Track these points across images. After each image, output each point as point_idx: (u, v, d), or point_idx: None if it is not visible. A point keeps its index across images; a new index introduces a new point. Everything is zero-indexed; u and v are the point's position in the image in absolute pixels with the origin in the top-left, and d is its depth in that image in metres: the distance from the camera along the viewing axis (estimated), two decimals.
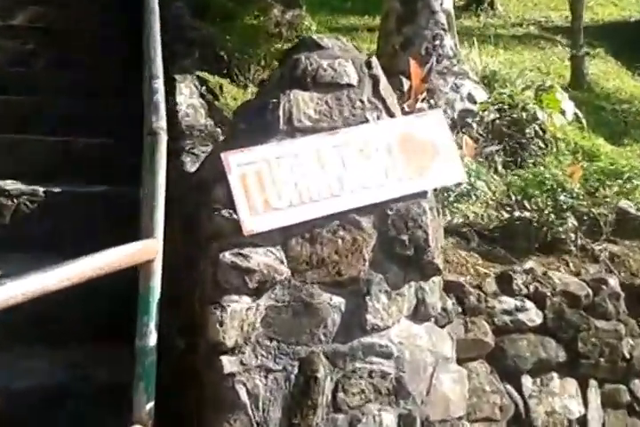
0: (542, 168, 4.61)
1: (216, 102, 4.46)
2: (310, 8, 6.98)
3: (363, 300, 3.05)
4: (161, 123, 2.84)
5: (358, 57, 3.35)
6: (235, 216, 2.92)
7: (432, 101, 5.02)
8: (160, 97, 3.01)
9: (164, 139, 2.78)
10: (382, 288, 3.09)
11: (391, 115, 3.31)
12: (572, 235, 4.40)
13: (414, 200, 3.20)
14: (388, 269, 3.11)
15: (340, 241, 3.05)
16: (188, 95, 4.57)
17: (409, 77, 4.85)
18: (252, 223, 2.91)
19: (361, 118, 3.23)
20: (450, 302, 3.44)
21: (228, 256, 2.88)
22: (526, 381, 3.80)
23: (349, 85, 3.26)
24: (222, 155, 2.95)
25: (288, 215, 2.98)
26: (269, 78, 3.52)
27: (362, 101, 3.26)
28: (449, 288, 3.69)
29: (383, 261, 3.11)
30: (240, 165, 2.96)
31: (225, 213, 2.93)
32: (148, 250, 2.71)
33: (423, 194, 3.25)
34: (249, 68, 5.33)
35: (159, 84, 3.10)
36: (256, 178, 2.97)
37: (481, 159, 4.88)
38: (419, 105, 4.59)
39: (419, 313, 3.20)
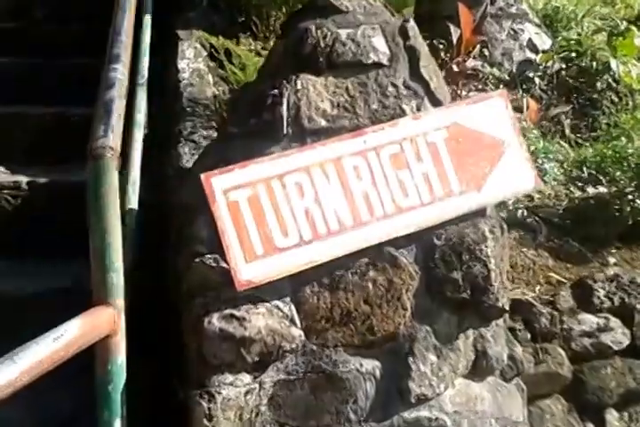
0: (624, 140, 3.50)
1: (220, 71, 3.41)
2: None
3: (404, 362, 2.14)
4: (110, 138, 1.86)
5: (389, 21, 2.30)
6: (223, 263, 1.99)
7: (486, 52, 3.89)
8: (115, 94, 2.02)
9: (111, 165, 1.82)
10: (429, 344, 2.17)
11: (436, 102, 2.30)
12: None
13: (469, 222, 2.24)
14: (436, 319, 2.19)
15: (370, 286, 2.12)
16: (192, 58, 3.52)
17: (458, 24, 3.72)
18: (247, 272, 1.98)
19: (394, 110, 2.23)
20: (519, 349, 2.49)
21: (215, 322, 1.97)
22: (611, 417, 2.89)
23: (378, 65, 2.24)
24: (202, 177, 1.99)
25: (298, 257, 2.04)
26: (269, 55, 2.48)
27: (395, 86, 2.24)
28: (514, 309, 2.75)
29: (430, 309, 2.19)
30: (228, 189, 2.01)
31: (209, 259, 2.01)
32: (101, 323, 1.81)
33: (481, 212, 2.27)
34: (267, 16, 4.20)
35: (118, 73, 2.11)
36: (251, 206, 2.02)
37: (546, 122, 3.78)
38: (470, 63, 3.50)
39: (479, 369, 2.29)
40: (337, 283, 2.09)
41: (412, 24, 2.28)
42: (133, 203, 2.48)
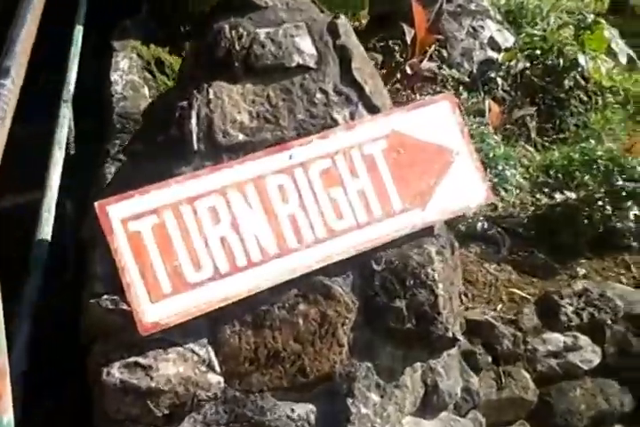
0: (592, 142, 3.22)
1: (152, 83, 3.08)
2: None
3: (342, 404, 1.85)
4: None
5: (316, 18, 2.00)
6: (123, 305, 1.68)
7: (444, 52, 3.59)
8: None
9: None
10: (371, 382, 1.88)
11: (373, 109, 2.00)
12: (633, 225, 3.06)
13: (414, 242, 1.95)
14: (378, 353, 1.90)
15: (300, 321, 1.82)
16: (126, 70, 3.19)
17: (412, 23, 3.43)
18: (153, 313, 1.68)
19: (324, 120, 1.94)
20: (475, 380, 2.20)
21: (116, 373, 1.66)
22: None
23: (303, 68, 1.94)
24: (96, 205, 1.68)
25: (214, 292, 1.74)
26: (182, 61, 2.18)
27: (325, 92, 1.94)
28: (474, 330, 2.47)
29: (371, 343, 1.89)
30: (127, 218, 1.70)
31: (107, 300, 1.70)
32: None
33: (427, 231, 1.97)
34: None
35: (4, 90, 1.77)
36: (157, 237, 1.71)
37: (510, 126, 3.49)
38: (426, 65, 3.20)
39: (429, 405, 2.02)
40: (262, 320, 1.79)
41: (342, 20, 1.98)
42: (46, 232, 2.17)
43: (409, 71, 3.09)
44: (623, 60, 3.86)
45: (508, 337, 2.53)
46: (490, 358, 2.50)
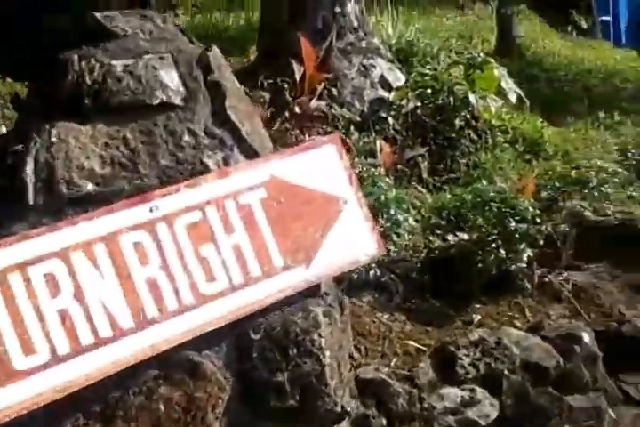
0: (484, 183, 3.05)
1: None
2: None
3: None
4: None
5: (184, 49, 1.68)
6: None
7: (335, 91, 3.36)
8: None
9: None
10: None
11: (250, 153, 1.70)
12: (526, 267, 2.90)
13: (297, 305, 1.67)
14: None
15: (161, 408, 1.46)
16: None
17: (302, 61, 3.18)
18: None
19: (193, 166, 1.62)
20: None
21: None
22: None
23: (169, 106, 1.62)
24: None
25: (50, 380, 1.36)
26: (26, 97, 1.81)
27: (194, 134, 1.63)
28: (367, 390, 2.19)
29: (248, 426, 1.56)
30: None
31: None
32: None
33: (313, 290, 1.68)
34: None
35: None
36: None
37: (401, 166, 3.29)
38: (315, 103, 2.95)
39: None
40: (113, 410, 1.43)
41: (215, 52, 1.68)
42: None
43: (297, 110, 2.85)
44: (513, 98, 3.77)
45: (403, 395, 2.25)
46: (384, 421, 2.22)
